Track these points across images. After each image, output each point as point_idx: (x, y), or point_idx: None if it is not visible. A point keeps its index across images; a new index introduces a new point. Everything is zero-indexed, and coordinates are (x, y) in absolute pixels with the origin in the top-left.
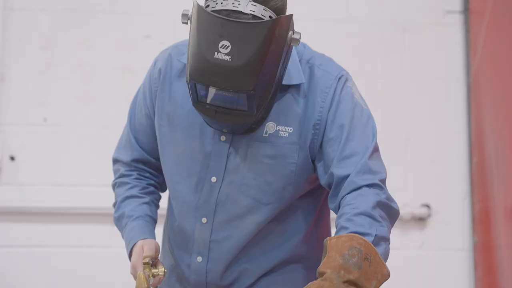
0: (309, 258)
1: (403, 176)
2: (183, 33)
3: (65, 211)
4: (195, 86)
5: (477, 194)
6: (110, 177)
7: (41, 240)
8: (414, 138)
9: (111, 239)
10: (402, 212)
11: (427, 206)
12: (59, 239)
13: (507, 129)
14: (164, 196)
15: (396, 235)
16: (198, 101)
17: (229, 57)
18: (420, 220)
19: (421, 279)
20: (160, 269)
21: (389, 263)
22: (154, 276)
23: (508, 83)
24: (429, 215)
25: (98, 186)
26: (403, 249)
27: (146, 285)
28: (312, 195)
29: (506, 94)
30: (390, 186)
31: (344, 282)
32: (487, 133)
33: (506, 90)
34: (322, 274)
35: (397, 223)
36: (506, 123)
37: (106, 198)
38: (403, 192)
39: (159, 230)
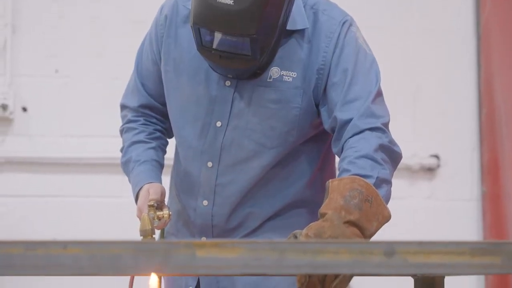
0: (313, 202)
1: (412, 127)
2: None
3: (76, 161)
4: (199, 31)
5: (485, 144)
6: None
7: (52, 190)
8: (423, 89)
9: (121, 189)
10: (411, 162)
11: (436, 156)
12: (70, 189)
13: None
14: (172, 144)
15: (405, 185)
16: (202, 46)
17: (232, 1)
18: (429, 170)
19: (429, 229)
20: (165, 212)
21: (398, 214)
22: (159, 218)
23: None
24: (438, 166)
25: (109, 137)
26: (411, 200)
27: (150, 227)
28: (316, 140)
29: None
30: (399, 137)
31: (345, 222)
32: (496, 84)
33: None
34: (323, 215)
35: (405, 173)
36: None
37: (116, 148)
38: (412, 143)
39: (165, 181)
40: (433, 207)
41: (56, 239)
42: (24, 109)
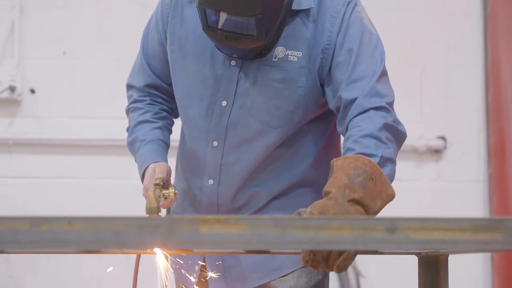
0: (319, 182)
1: (419, 108)
2: None
3: (84, 143)
4: (205, 11)
5: (492, 126)
6: None
7: (60, 171)
8: (431, 71)
9: (129, 170)
10: (417, 144)
11: (443, 138)
12: (78, 170)
13: None
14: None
15: (411, 167)
16: (208, 26)
17: None
18: (436, 152)
19: (436, 210)
20: (171, 190)
21: (404, 195)
22: (165, 197)
23: None
24: (444, 147)
25: (117, 119)
26: (418, 181)
27: (155, 205)
28: (322, 120)
29: None
30: (406, 119)
31: (349, 201)
32: (503, 66)
33: None
34: (327, 193)
35: (412, 155)
36: None
37: (124, 130)
38: (419, 125)
39: (171, 162)
40: (439, 189)
41: (61, 215)
42: (32, 91)
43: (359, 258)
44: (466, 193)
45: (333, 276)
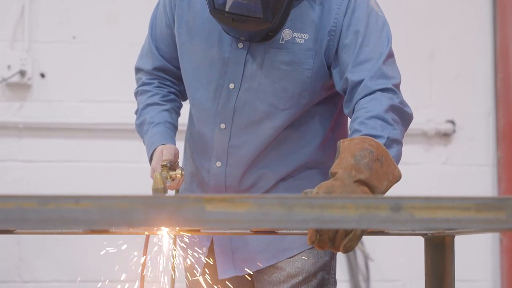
0: (326, 164)
1: (428, 92)
2: None
3: (94, 126)
4: None
5: (501, 109)
6: None
7: (70, 155)
8: (439, 54)
9: (139, 154)
10: (426, 128)
11: (452, 122)
12: (88, 154)
13: None
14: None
15: (420, 151)
16: (215, 9)
17: None
18: (445, 136)
19: (445, 194)
20: (178, 172)
21: (413, 179)
22: (172, 178)
23: None
24: (453, 131)
25: (126, 102)
26: (427, 165)
27: (162, 185)
28: (329, 102)
29: None
30: (415, 102)
31: (355, 181)
32: None
33: None
34: (333, 174)
35: (421, 139)
36: None
37: (134, 114)
38: (427, 108)
39: (179, 146)
40: (448, 173)
41: (68, 194)
42: (42, 75)
43: (368, 242)
44: (475, 176)
45: (342, 260)
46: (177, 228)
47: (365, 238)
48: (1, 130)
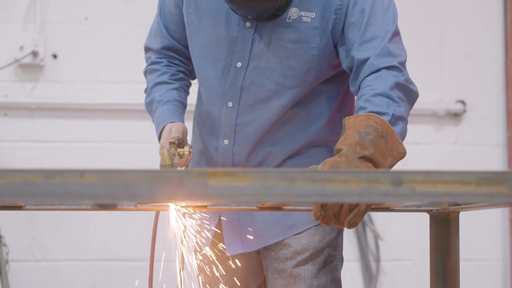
0: (332, 142)
1: (438, 72)
2: None
3: (106, 107)
4: None
5: (511, 89)
6: None
7: (82, 135)
8: (450, 35)
9: (151, 134)
10: (437, 108)
11: (462, 102)
12: (100, 134)
13: None
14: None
15: (431, 131)
16: None
17: None
18: (455, 116)
19: None
20: (186, 149)
21: (424, 158)
22: (180, 155)
23: None
24: (464, 111)
25: (138, 83)
26: (438, 145)
27: (169, 162)
28: (335, 80)
29: None
30: (425, 83)
31: (360, 158)
32: None
33: None
34: (338, 150)
35: (431, 119)
36: None
37: (144, 93)
38: (438, 88)
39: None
40: (459, 152)
41: (73, 168)
42: (55, 56)
43: (378, 221)
44: (485, 156)
45: (352, 239)
46: (184, 204)
47: (375, 218)
48: (14, 111)
